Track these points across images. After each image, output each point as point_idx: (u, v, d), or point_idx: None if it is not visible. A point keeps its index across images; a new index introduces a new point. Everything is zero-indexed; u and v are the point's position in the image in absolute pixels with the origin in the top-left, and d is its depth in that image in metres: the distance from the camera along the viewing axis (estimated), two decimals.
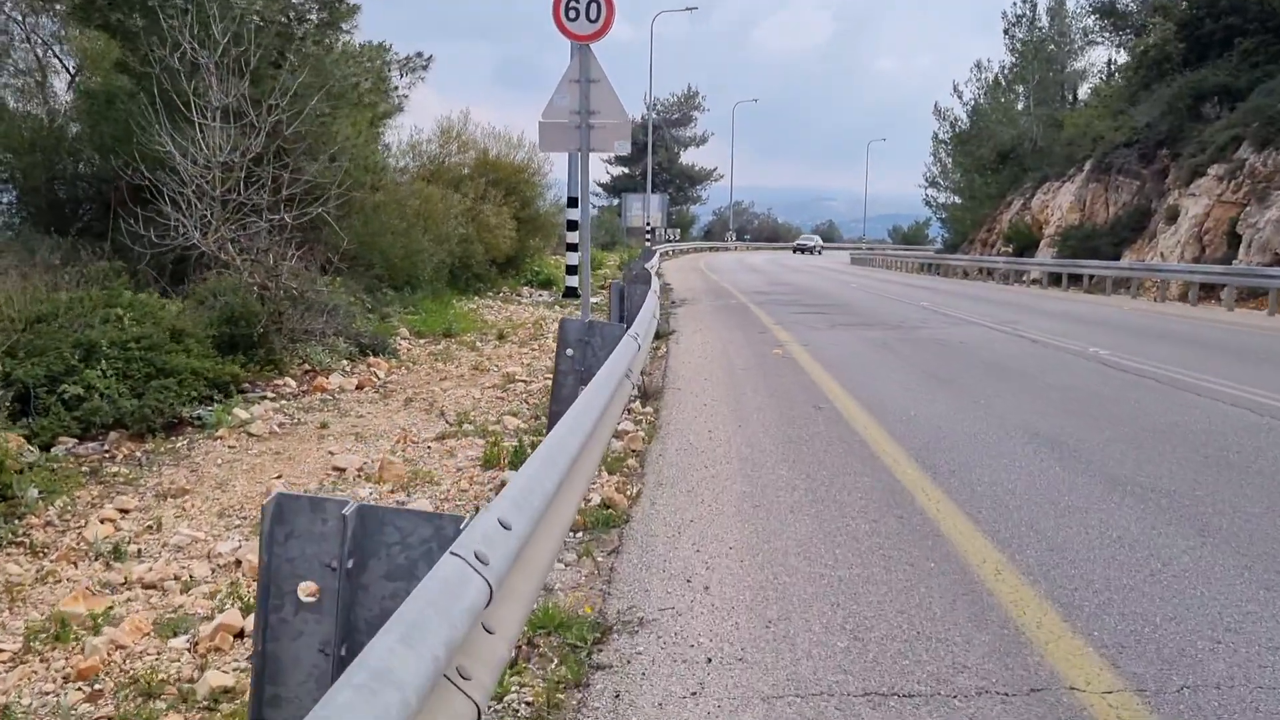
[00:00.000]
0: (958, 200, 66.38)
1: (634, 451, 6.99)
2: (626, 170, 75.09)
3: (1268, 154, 27.50)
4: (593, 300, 20.68)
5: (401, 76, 19.36)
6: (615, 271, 29.84)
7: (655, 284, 13.82)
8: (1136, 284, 27.92)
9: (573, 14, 11.69)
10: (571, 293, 21.54)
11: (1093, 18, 45.66)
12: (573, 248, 21.60)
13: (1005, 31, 47.98)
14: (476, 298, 20.33)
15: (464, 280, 20.84)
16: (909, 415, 8.02)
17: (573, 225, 21.53)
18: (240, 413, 8.72)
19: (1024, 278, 34.77)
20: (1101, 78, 50.43)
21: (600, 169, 78.48)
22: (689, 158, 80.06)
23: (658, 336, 13.84)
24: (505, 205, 22.49)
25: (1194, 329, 15.68)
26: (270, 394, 9.84)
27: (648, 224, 53.02)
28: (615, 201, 67.06)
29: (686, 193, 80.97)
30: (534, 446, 4.06)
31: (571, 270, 21.61)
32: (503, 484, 5.33)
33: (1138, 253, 32.06)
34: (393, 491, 6.50)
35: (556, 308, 19.51)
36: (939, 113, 53.09)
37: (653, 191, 59.17)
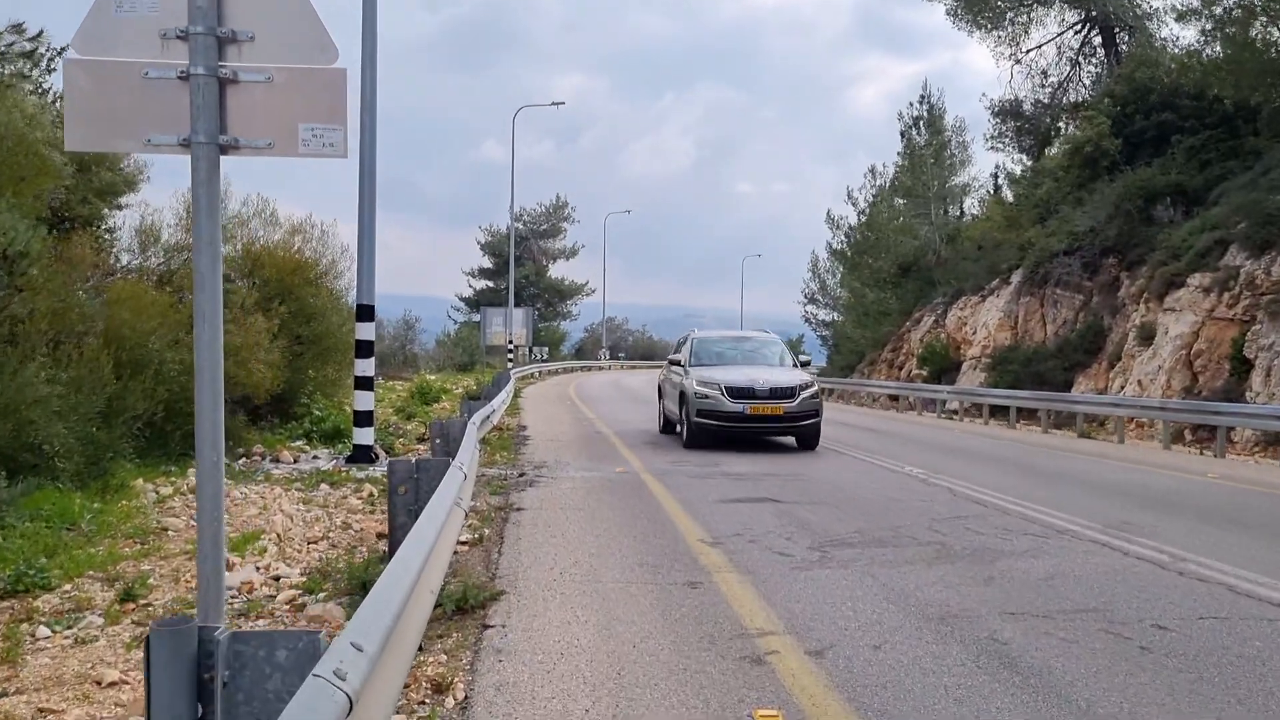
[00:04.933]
0: (837, 317, 60.79)
1: None
2: (490, 283, 67.22)
3: (1270, 259, 21.44)
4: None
5: None
6: (453, 408, 21.53)
7: (455, 487, 5.76)
8: (1098, 420, 21.24)
9: None
10: (363, 453, 13.18)
11: (992, 121, 40.60)
12: (364, 383, 13.33)
13: (901, 134, 42.56)
14: (194, 469, 11.82)
15: (178, 439, 12.32)
16: None
17: (364, 349, 13.32)
18: None
19: (937, 406, 28.02)
20: (988, 190, 45.56)
21: (461, 281, 70.29)
22: (559, 271, 72.84)
23: (460, 611, 5.74)
24: (267, 315, 14.15)
25: None
26: None
27: (510, 342, 44.97)
28: (476, 317, 58.89)
29: (556, 308, 73.45)
30: None
31: (363, 419, 13.29)
32: None
33: (1096, 379, 25.54)
34: None
35: (323, 487, 11.14)
36: (832, 221, 47.21)
37: (518, 306, 51.36)
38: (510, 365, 41.39)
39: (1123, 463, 14.60)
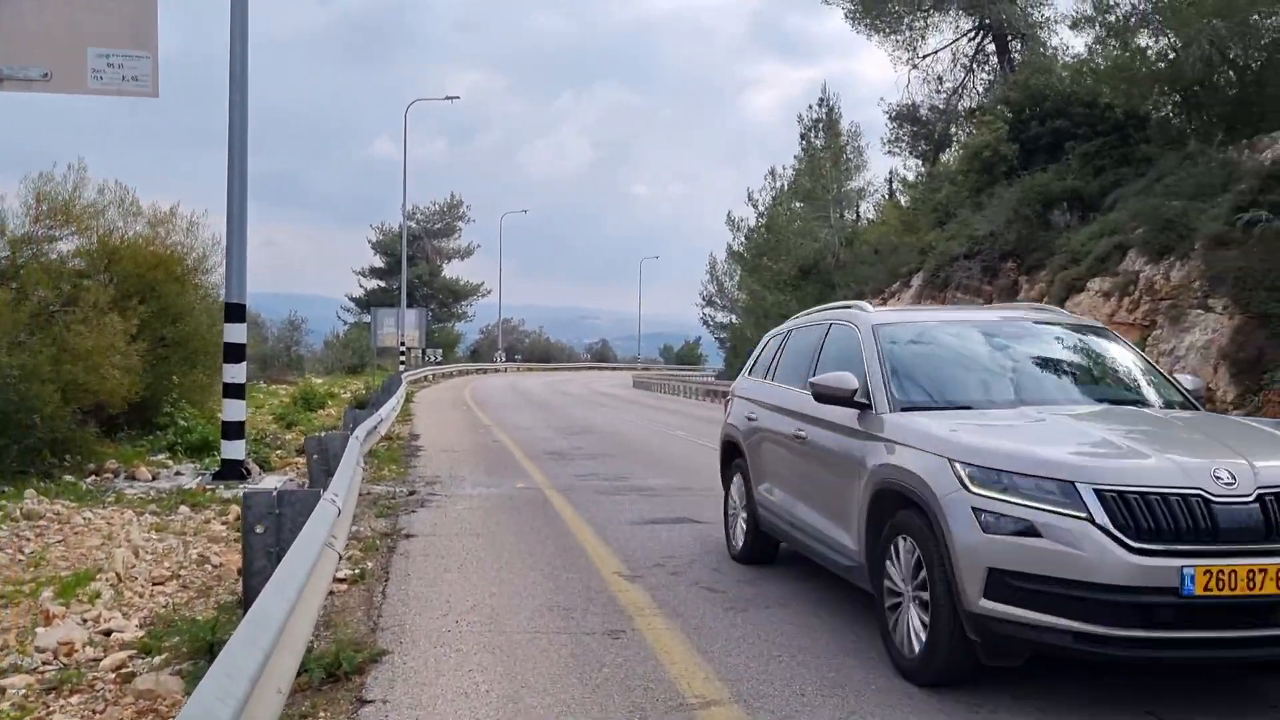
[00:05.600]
0: (735, 319, 60.73)
1: None
2: (382, 283, 65.03)
3: (1168, 265, 21.54)
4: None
5: None
6: (339, 415, 20.07)
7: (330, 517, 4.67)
8: None
9: None
10: (232, 469, 11.79)
11: (889, 126, 40.70)
12: (234, 390, 11.93)
13: (801, 136, 42.42)
14: (36, 487, 10.27)
15: (15, 455, 10.78)
16: None
17: (234, 352, 11.91)
18: None
19: None
20: (883, 195, 45.88)
21: (351, 281, 67.87)
22: (453, 271, 70.96)
23: (332, 678, 4.62)
24: (124, 315, 12.65)
25: None
26: None
27: (402, 344, 43.25)
28: (367, 318, 56.77)
29: (451, 309, 71.53)
30: None
31: (233, 430, 11.89)
32: None
33: None
34: None
35: (182, 510, 9.75)
36: (732, 223, 46.81)
37: (410, 306, 49.59)
38: (402, 368, 39.74)
39: None
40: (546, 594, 6.43)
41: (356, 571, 7.01)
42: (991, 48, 38.80)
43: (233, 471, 11.62)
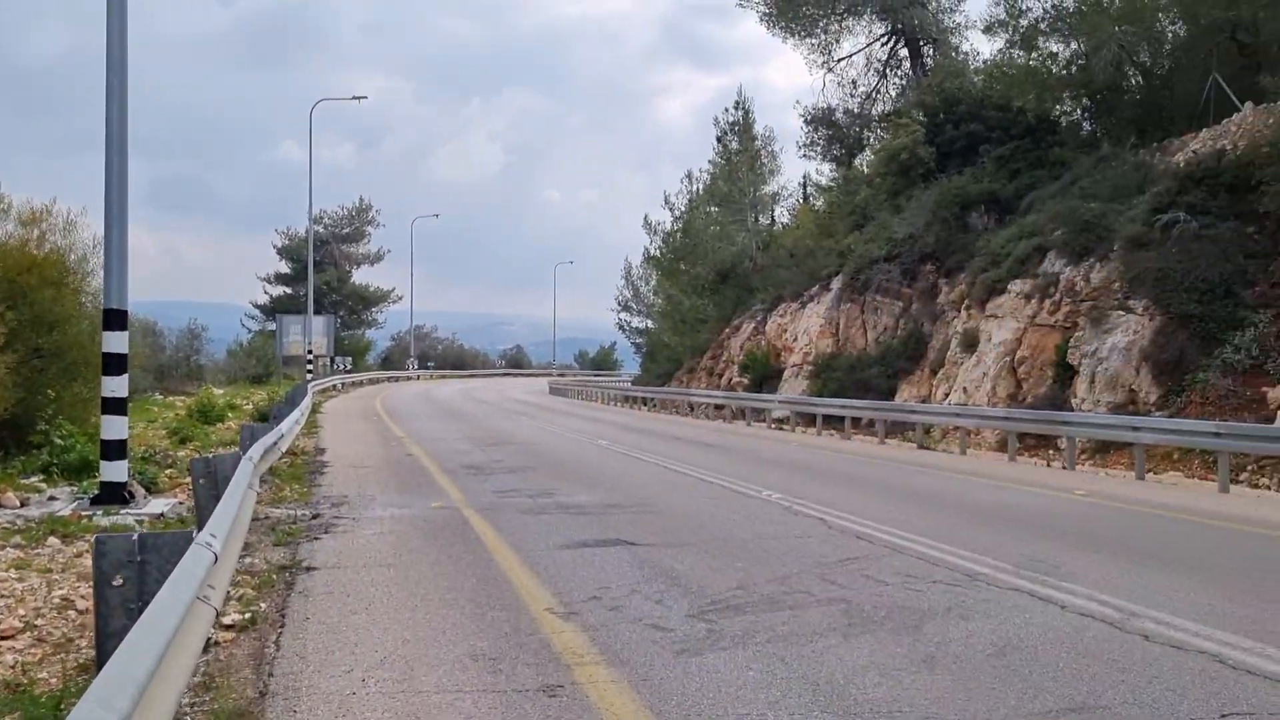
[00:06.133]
0: (651, 324, 60.20)
1: None
2: (288, 289, 62.78)
3: (1088, 266, 21.50)
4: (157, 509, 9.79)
5: None
6: (234, 432, 18.79)
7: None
8: (924, 427, 20.71)
9: None
10: (113, 493, 10.59)
11: (805, 129, 40.52)
12: (114, 406, 10.74)
13: (718, 139, 42.01)
14: None
15: None
16: None
17: (114, 364, 10.72)
18: None
19: (765, 415, 27.33)
20: (797, 199, 45.84)
21: (256, 288, 65.41)
22: (362, 277, 68.96)
23: None
24: None
25: None
26: None
27: (309, 351, 41.55)
28: (273, 325, 54.64)
29: (360, 315, 69.50)
30: None
31: (114, 450, 10.68)
32: None
33: (919, 386, 25.25)
34: None
35: (51, 541, 8.58)
36: (649, 226, 46.17)
37: (318, 313, 47.80)
38: (310, 377, 38.13)
39: (979, 478, 13.71)
40: (469, 639, 5.57)
41: (247, 615, 6.05)
42: (904, 52, 38.92)
43: (114, 495, 10.43)
